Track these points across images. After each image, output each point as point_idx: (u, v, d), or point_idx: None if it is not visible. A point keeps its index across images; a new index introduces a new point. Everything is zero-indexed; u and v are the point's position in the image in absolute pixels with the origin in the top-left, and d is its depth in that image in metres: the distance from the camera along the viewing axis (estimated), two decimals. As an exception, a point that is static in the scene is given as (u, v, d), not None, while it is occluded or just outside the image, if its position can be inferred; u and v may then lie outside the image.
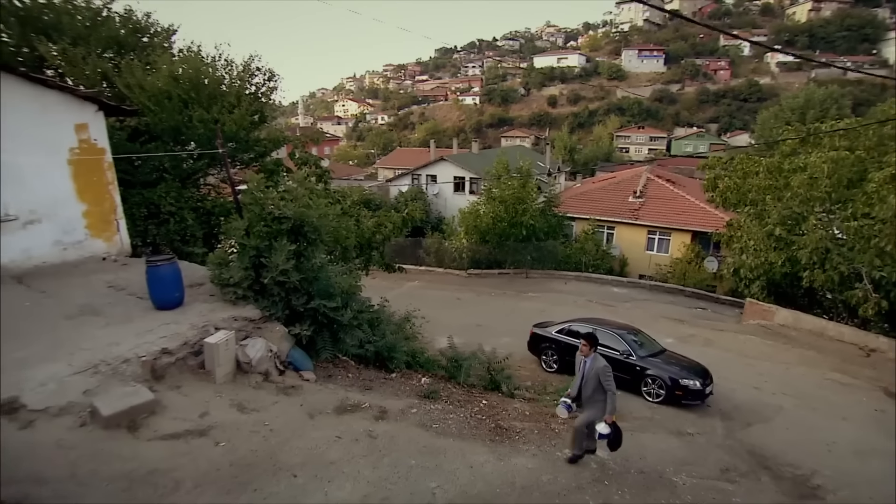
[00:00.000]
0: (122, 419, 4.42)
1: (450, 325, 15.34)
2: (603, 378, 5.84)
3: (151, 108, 10.19)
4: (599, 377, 5.86)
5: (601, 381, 5.85)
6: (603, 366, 5.88)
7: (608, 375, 5.84)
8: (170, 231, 10.54)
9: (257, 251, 6.71)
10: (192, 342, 5.72)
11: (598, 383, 5.88)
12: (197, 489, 4.00)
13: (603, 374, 5.85)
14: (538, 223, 22.39)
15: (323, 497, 4.28)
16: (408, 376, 8.35)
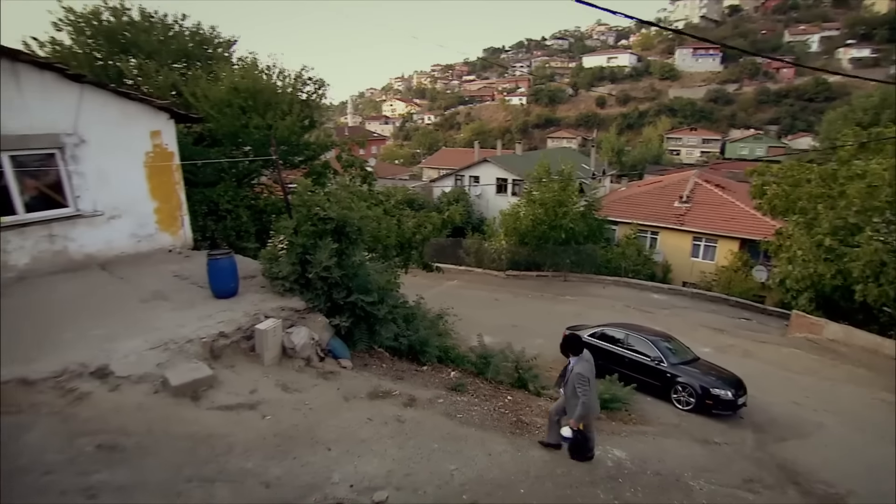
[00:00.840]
0: (187, 390, 5.18)
1: (486, 325, 15.76)
2: (576, 384, 5.75)
3: (214, 115, 11.22)
4: (574, 383, 5.79)
5: (574, 386, 5.79)
6: (577, 373, 5.77)
7: (580, 382, 5.71)
8: (226, 227, 11.54)
9: (304, 248, 7.40)
10: (244, 328, 6.47)
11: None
12: (246, 453, 4.65)
13: (576, 379, 5.75)
14: (578, 226, 22.39)
15: (353, 469, 4.83)
16: (438, 370, 8.86)
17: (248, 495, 4.13)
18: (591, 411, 5.99)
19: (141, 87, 11.70)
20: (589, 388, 5.74)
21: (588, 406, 5.76)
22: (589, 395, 5.74)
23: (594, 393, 6.07)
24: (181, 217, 9.85)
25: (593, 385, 5.95)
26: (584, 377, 5.74)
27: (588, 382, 5.75)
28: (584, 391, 5.69)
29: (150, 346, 5.62)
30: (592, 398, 5.94)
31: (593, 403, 6.02)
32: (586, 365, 5.89)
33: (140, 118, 8.94)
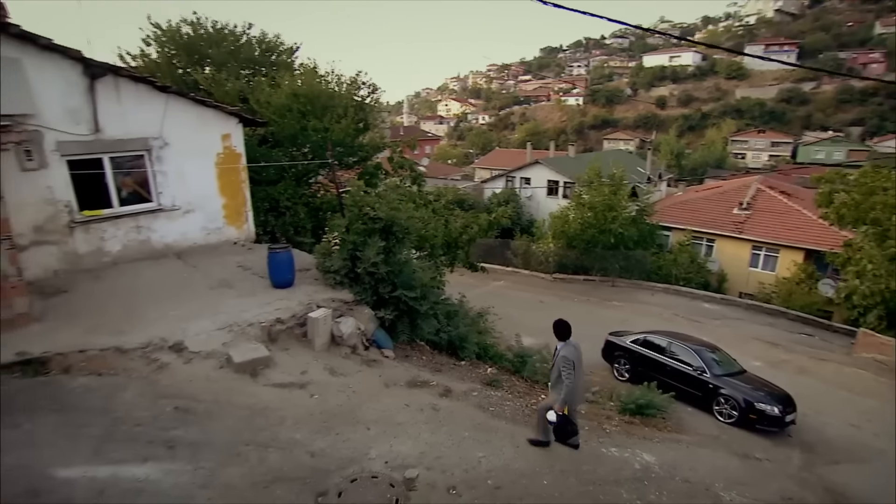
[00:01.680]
0: (247, 367, 5.88)
1: (529, 326, 15.93)
2: (561, 367, 5.84)
3: (276, 120, 12.16)
4: (559, 366, 5.89)
5: (560, 370, 5.88)
6: (563, 356, 5.86)
7: (565, 366, 5.79)
8: (285, 223, 12.47)
9: (354, 245, 8.02)
10: (298, 315, 7.14)
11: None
12: (295, 426, 5.25)
13: (562, 363, 5.84)
14: (627, 231, 22.01)
15: (388, 448, 5.32)
16: (476, 365, 9.24)
17: (295, 462, 4.70)
18: (576, 396, 6.03)
19: (213, 94, 12.82)
20: (573, 373, 5.79)
21: (572, 390, 5.81)
22: (573, 379, 5.79)
23: (580, 378, 6.10)
24: (246, 213, 10.78)
25: (579, 370, 5.99)
26: (570, 360, 5.80)
27: (573, 366, 5.80)
28: (569, 375, 5.76)
29: (217, 328, 6.39)
30: (578, 383, 5.98)
31: (579, 388, 6.05)
32: (572, 350, 5.95)
33: (213, 123, 9.91)
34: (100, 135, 8.35)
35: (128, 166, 8.92)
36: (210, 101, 10.09)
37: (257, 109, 12.29)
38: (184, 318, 6.58)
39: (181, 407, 4.90)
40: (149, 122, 8.91)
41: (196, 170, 9.74)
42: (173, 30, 14.36)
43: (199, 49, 14.26)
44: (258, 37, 15.33)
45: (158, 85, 8.97)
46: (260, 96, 12.37)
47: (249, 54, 14.75)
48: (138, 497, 3.73)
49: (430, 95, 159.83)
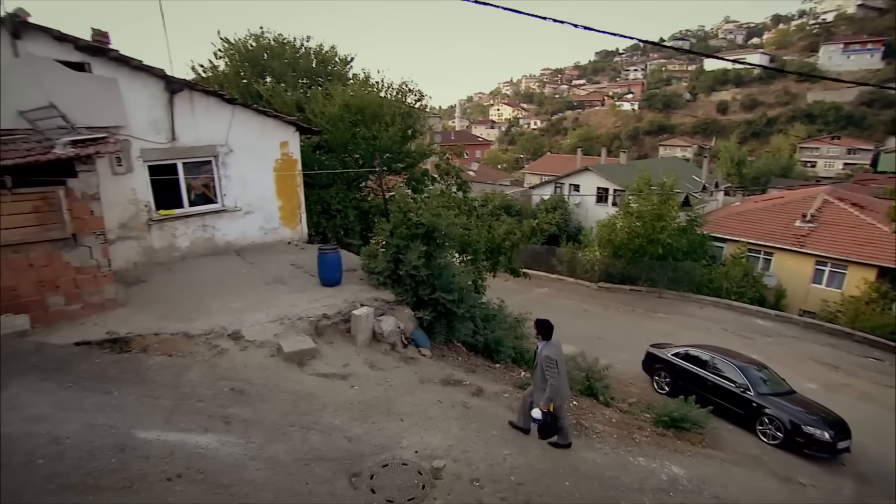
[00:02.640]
0: (295, 357, 6.47)
1: (571, 335, 15.89)
2: (544, 367, 5.96)
3: (329, 129, 12.95)
4: (543, 366, 5.99)
5: (543, 369, 5.98)
6: (545, 356, 5.97)
7: (549, 365, 5.91)
8: (336, 225, 13.21)
9: (397, 248, 8.51)
10: (343, 312, 7.71)
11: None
12: (336, 412, 5.76)
13: (545, 363, 5.96)
14: (676, 242, 21.42)
15: (419, 439, 5.71)
16: (510, 368, 9.51)
17: (333, 444, 5.18)
18: (561, 395, 6.13)
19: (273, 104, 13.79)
20: (557, 371, 5.92)
21: (556, 389, 5.93)
22: (557, 378, 5.92)
23: (564, 377, 6.21)
24: (300, 214, 11.57)
25: (562, 369, 6.10)
26: (552, 360, 5.93)
27: (556, 365, 5.92)
28: (552, 374, 5.89)
29: (270, 320, 7.05)
30: (562, 382, 6.09)
31: (563, 387, 6.15)
32: (555, 349, 6.07)
33: (273, 131, 10.75)
34: (175, 143, 9.34)
35: (197, 171, 9.88)
36: (270, 111, 10.95)
37: (312, 119, 13.12)
38: (242, 309, 7.30)
39: (237, 388, 5.52)
40: (217, 130, 9.83)
41: (256, 174, 10.60)
42: (240, 43, 15.57)
43: (262, 61, 15.39)
44: (315, 49, 16.32)
45: (226, 97, 9.90)
46: (315, 107, 13.21)
47: (307, 66, 15.75)
48: (200, 461, 4.31)
49: (483, 100, 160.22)
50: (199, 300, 7.63)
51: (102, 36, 8.46)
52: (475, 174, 49.36)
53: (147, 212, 9.27)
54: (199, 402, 5.15)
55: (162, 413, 4.84)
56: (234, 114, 9.96)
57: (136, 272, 8.83)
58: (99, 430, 4.39)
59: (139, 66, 8.55)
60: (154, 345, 6.13)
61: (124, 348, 5.98)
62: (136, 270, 8.93)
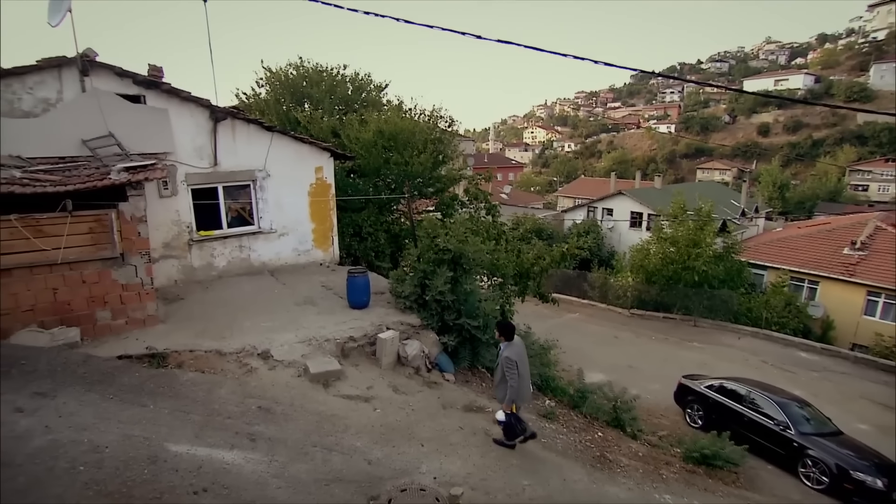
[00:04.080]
0: (321, 378, 6.65)
1: (600, 362, 15.68)
2: (504, 367, 6.04)
3: (362, 154, 13.39)
4: (503, 366, 6.07)
5: (504, 370, 6.05)
6: (506, 357, 6.04)
7: (508, 366, 5.99)
8: (367, 247, 13.53)
9: (424, 274, 8.67)
10: (369, 335, 7.87)
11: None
12: (357, 434, 5.86)
13: (504, 364, 6.04)
14: (711, 270, 20.80)
15: (438, 465, 5.74)
16: (534, 396, 9.39)
17: (354, 466, 5.27)
18: (521, 395, 6.19)
19: (310, 130, 14.41)
20: (516, 372, 5.97)
21: (516, 389, 6.00)
22: (517, 378, 5.97)
23: (525, 378, 6.23)
24: (332, 237, 11.93)
25: (523, 370, 6.14)
26: (512, 361, 5.99)
27: (516, 366, 5.97)
28: (512, 375, 5.96)
29: (299, 340, 7.28)
30: (522, 382, 6.12)
31: (523, 388, 6.19)
32: (516, 349, 6.13)
33: (308, 157, 11.21)
34: (217, 167, 9.89)
35: (236, 194, 10.40)
36: (306, 138, 11.45)
37: (347, 144, 13.61)
38: (272, 329, 7.57)
39: (263, 407, 5.72)
40: (255, 156, 10.35)
41: (292, 198, 11.05)
42: (281, 72, 16.41)
43: (301, 88, 16.15)
44: (351, 76, 17.02)
45: (265, 125, 10.45)
46: (350, 132, 13.72)
47: (343, 93, 16.43)
48: (225, 477, 4.48)
49: (517, 122, 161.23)
50: (232, 318, 7.96)
51: (157, 71, 9.15)
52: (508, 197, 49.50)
53: (188, 232, 9.80)
54: (228, 418, 5.36)
55: (192, 428, 5.06)
56: (273, 140, 10.47)
57: (177, 289, 9.30)
58: (135, 442, 4.64)
59: (188, 97, 9.20)
60: (189, 361, 6.43)
61: (161, 363, 6.31)
62: (176, 288, 9.40)
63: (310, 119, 14.52)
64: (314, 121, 14.47)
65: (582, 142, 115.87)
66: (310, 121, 14.47)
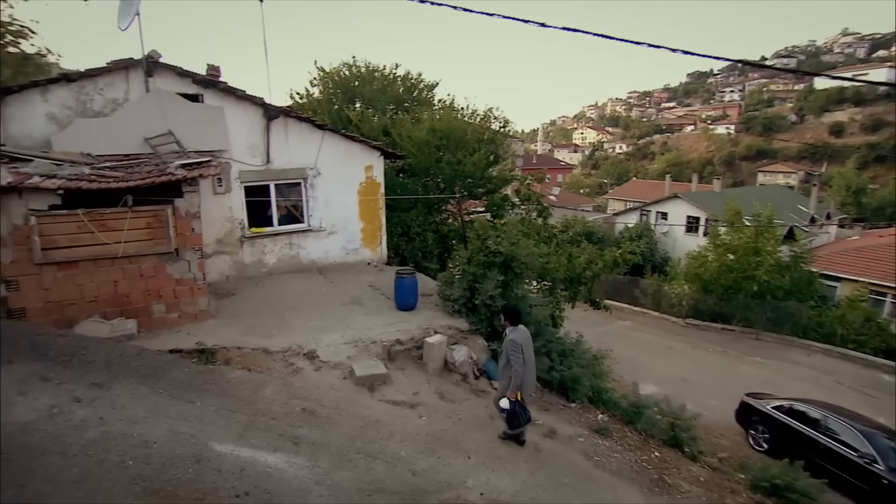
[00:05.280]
0: (366, 381, 6.49)
1: (653, 373, 14.89)
2: (508, 351, 5.84)
3: (414, 153, 13.26)
4: (507, 350, 5.87)
5: (508, 354, 5.85)
6: (510, 339, 5.87)
7: (512, 350, 5.80)
8: (414, 248, 13.40)
9: (474, 277, 8.38)
10: (416, 338, 7.66)
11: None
12: (402, 442, 5.65)
13: (508, 348, 5.84)
14: (775, 280, 19.34)
15: (485, 480, 5.43)
16: (586, 409, 8.90)
17: (397, 477, 5.05)
18: (526, 383, 5.97)
19: (361, 128, 14.44)
20: (521, 357, 5.78)
21: (521, 375, 5.81)
22: (522, 363, 5.80)
23: (530, 366, 6.03)
24: (380, 236, 11.86)
25: (529, 357, 5.95)
26: (517, 344, 5.81)
27: (521, 350, 5.80)
28: (517, 359, 5.78)
29: (345, 342, 7.17)
30: (527, 370, 5.94)
31: (528, 374, 5.99)
32: (520, 334, 5.96)
33: (359, 155, 11.18)
34: (269, 165, 10.01)
35: (287, 192, 10.50)
36: (357, 137, 11.44)
37: (399, 143, 13.54)
38: (319, 329, 7.51)
39: (308, 409, 5.61)
40: (307, 154, 10.41)
41: (341, 196, 11.05)
42: (333, 71, 16.60)
43: (353, 88, 16.26)
44: (402, 75, 16.99)
45: (317, 123, 10.50)
46: (402, 130, 13.64)
47: (395, 92, 16.42)
48: (267, 481, 4.37)
49: (566, 123, 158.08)
50: (280, 316, 7.97)
51: (215, 70, 9.35)
52: (556, 199, 48.45)
53: (241, 229, 9.97)
54: (272, 419, 5.28)
55: (237, 428, 5.00)
56: (324, 139, 10.51)
57: (228, 285, 9.46)
58: (181, 439, 4.61)
59: (243, 95, 9.35)
60: (236, 358, 6.44)
61: (210, 359, 6.34)
62: (227, 283, 9.57)
63: (361, 118, 14.57)
64: (365, 119, 14.51)
65: (634, 143, 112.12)
66: (361, 119, 14.51)
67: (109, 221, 6.91)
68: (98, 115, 8.55)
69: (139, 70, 8.68)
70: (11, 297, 6.67)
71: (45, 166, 7.20)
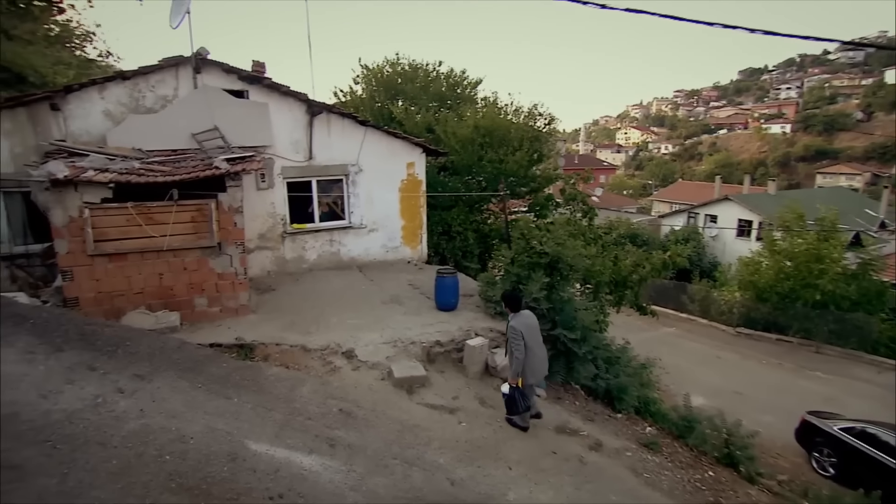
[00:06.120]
0: (405, 383, 6.29)
1: (701, 384, 14.09)
2: (510, 338, 5.81)
3: (457, 150, 13.02)
4: (508, 337, 5.83)
5: (510, 341, 5.80)
6: (511, 326, 5.82)
7: (513, 336, 5.76)
8: (455, 247, 13.16)
9: (518, 277, 8.04)
10: (457, 340, 7.41)
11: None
12: (440, 449, 5.40)
13: (511, 334, 5.80)
14: (840, 289, 17.96)
15: (527, 493, 5.12)
16: (633, 420, 8.42)
17: (435, 486, 4.81)
18: (530, 370, 5.87)
19: (404, 125, 14.33)
20: (522, 343, 5.72)
21: (521, 361, 5.74)
22: (522, 350, 5.72)
23: (535, 352, 5.91)
24: (421, 235, 11.70)
25: (532, 343, 5.84)
26: (517, 331, 5.75)
27: (521, 337, 5.72)
28: (517, 346, 5.72)
29: (384, 341, 7.00)
30: (532, 357, 5.83)
31: (533, 363, 5.87)
32: (522, 320, 5.89)
33: (401, 152, 11.04)
34: (312, 161, 10.01)
35: (329, 188, 10.48)
36: (399, 133, 11.30)
37: (443, 139, 13.34)
38: (357, 327, 7.38)
39: (345, 410, 5.45)
40: (349, 151, 10.35)
41: (382, 193, 10.94)
42: (377, 69, 16.60)
43: (396, 85, 16.21)
44: (446, 73, 16.81)
45: (359, 119, 10.43)
46: (446, 128, 13.45)
47: (438, 89, 16.27)
48: (302, 484, 4.22)
49: (609, 123, 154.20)
50: (319, 312, 7.89)
51: (260, 66, 9.42)
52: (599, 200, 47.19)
53: (283, 225, 10.01)
54: (308, 419, 5.15)
55: (273, 427, 4.89)
56: (366, 135, 10.43)
57: (269, 280, 9.51)
58: (217, 436, 4.53)
59: (287, 91, 9.38)
60: (274, 354, 6.37)
61: (249, 355, 6.31)
62: (268, 279, 9.62)
63: (405, 115, 14.48)
64: (409, 116, 14.40)
65: (680, 143, 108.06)
66: (405, 116, 14.42)
67: (156, 215, 7.01)
68: (149, 111, 8.75)
69: (188, 67, 8.83)
70: (67, 287, 6.87)
71: (99, 161, 7.40)
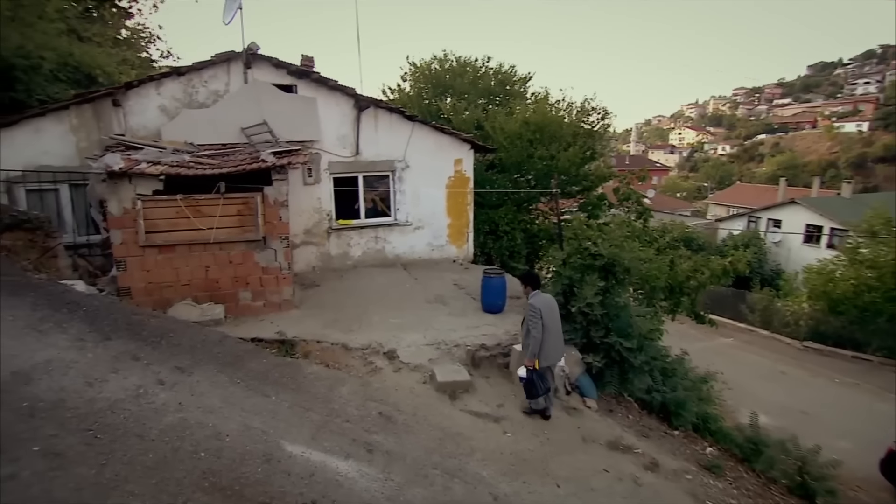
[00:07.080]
0: (447, 387, 5.97)
1: (762, 402, 13.03)
2: (528, 317, 5.70)
3: (506, 146, 12.61)
4: (526, 315, 5.72)
5: (527, 321, 5.69)
6: (529, 304, 5.72)
7: (532, 314, 5.63)
8: (502, 246, 12.75)
9: (570, 281, 7.56)
10: (503, 344, 7.02)
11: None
12: (483, 461, 5.04)
13: (529, 312, 5.69)
14: (934, 304, 16.21)
15: (579, 515, 4.69)
16: (692, 439, 7.76)
17: (477, 500, 4.46)
18: (547, 351, 5.72)
19: (452, 121, 14.05)
20: (539, 321, 5.59)
21: (538, 340, 5.61)
22: (539, 329, 5.60)
23: (553, 332, 5.78)
24: (467, 233, 11.37)
25: (550, 324, 5.71)
26: (536, 309, 5.64)
27: (540, 315, 5.60)
28: (535, 324, 5.60)
29: (427, 343, 6.71)
30: (549, 337, 5.70)
31: (549, 343, 5.72)
32: (541, 299, 5.78)
33: (448, 148, 10.75)
34: (358, 157, 9.89)
35: (375, 184, 10.33)
36: (447, 129, 11.03)
37: (491, 134, 12.97)
38: (400, 327, 7.13)
39: (384, 413, 5.20)
40: (396, 146, 10.16)
41: (429, 190, 10.70)
42: (424, 66, 16.43)
43: (444, 81, 15.97)
44: (495, 68, 16.42)
45: (407, 115, 10.21)
46: (495, 124, 13.07)
47: (487, 85, 15.91)
48: (337, 491, 3.98)
49: (662, 123, 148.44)
50: (362, 310, 7.72)
51: (309, 61, 9.38)
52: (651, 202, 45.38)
53: (328, 221, 9.95)
54: (346, 422, 4.92)
55: (310, 428, 4.70)
56: (413, 130, 10.21)
57: (314, 276, 9.45)
58: (253, 434, 4.38)
59: (335, 86, 9.30)
60: (315, 352, 6.22)
61: (289, 351, 6.18)
62: (313, 274, 9.57)
63: (452, 110, 14.21)
64: (457, 112, 14.12)
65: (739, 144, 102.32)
66: (453, 112, 14.15)
67: (203, 207, 7.03)
68: (202, 106, 8.88)
69: (239, 62, 8.91)
70: (120, 277, 7.01)
71: (152, 154, 7.53)
